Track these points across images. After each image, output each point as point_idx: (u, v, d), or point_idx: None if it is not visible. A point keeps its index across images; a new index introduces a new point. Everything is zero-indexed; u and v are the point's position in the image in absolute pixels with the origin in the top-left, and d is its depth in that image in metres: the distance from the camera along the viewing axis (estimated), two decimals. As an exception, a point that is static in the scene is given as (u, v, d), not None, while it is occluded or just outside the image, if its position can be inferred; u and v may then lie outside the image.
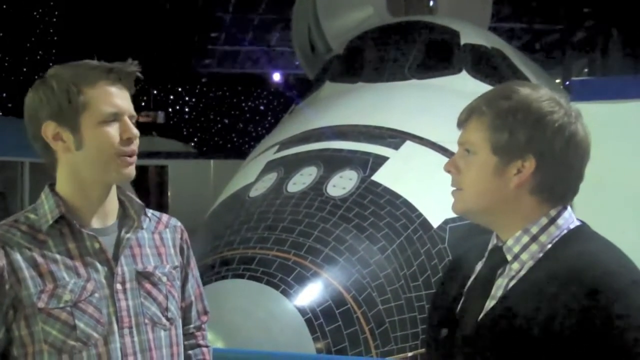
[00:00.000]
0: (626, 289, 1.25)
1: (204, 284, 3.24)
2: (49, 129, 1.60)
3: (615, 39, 12.57)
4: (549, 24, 15.00)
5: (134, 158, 1.64)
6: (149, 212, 1.77)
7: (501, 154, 1.38)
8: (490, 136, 1.39)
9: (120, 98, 1.62)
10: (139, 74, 1.65)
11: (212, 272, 3.33)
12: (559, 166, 1.38)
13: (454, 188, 1.45)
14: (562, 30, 14.76)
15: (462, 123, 1.46)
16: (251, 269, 3.27)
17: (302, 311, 3.12)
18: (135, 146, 1.63)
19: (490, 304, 1.37)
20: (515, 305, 1.31)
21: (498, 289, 1.38)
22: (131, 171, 1.64)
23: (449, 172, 1.46)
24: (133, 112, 1.65)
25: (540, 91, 1.41)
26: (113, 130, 1.60)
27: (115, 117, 1.60)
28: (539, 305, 1.27)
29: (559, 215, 1.40)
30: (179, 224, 1.85)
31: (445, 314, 1.47)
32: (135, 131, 1.63)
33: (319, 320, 3.13)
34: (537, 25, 15.11)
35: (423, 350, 3.45)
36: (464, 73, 5.74)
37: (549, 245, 1.37)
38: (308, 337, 3.08)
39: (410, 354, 3.40)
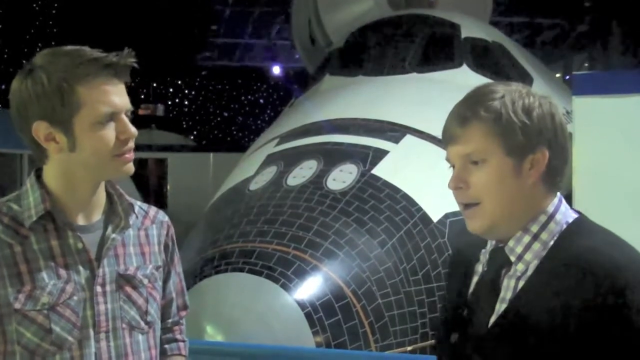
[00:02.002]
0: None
1: (204, 277, 3.25)
2: (41, 129, 1.50)
3: (616, 33, 12.54)
4: (549, 18, 14.97)
5: (132, 154, 1.56)
6: (137, 206, 1.69)
7: (515, 153, 1.35)
8: (500, 139, 1.35)
9: (116, 95, 1.51)
10: (135, 65, 1.54)
11: (211, 266, 3.32)
12: (561, 149, 1.38)
13: (469, 204, 1.39)
14: (563, 24, 14.73)
15: (456, 136, 1.39)
16: (251, 262, 3.26)
17: (301, 305, 3.12)
18: (132, 143, 1.55)
19: (500, 307, 1.36)
20: (528, 306, 1.30)
21: (507, 291, 1.36)
22: (129, 168, 1.56)
23: (457, 189, 1.39)
24: (129, 106, 1.55)
25: (513, 86, 1.40)
26: (109, 131, 1.50)
27: (112, 116, 1.50)
28: (553, 305, 1.26)
29: (556, 210, 1.38)
30: (165, 218, 1.77)
31: (453, 318, 1.45)
32: (133, 130, 1.54)
33: (318, 314, 3.13)
34: (538, 19, 15.08)
35: (422, 344, 3.46)
36: (464, 67, 5.73)
37: (552, 242, 1.35)
38: (307, 331, 3.08)
39: (409, 348, 3.40)
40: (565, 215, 1.39)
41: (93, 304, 1.53)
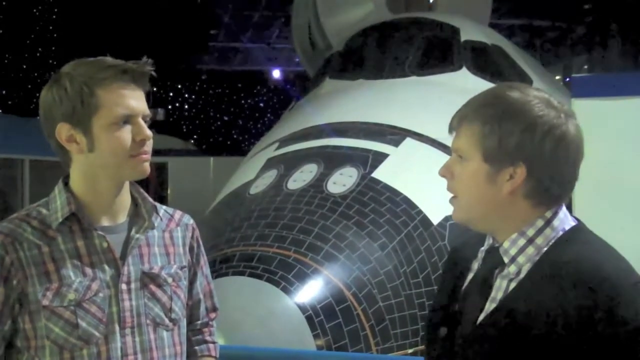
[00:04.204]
0: (627, 291, 1.26)
1: (205, 281, 3.26)
2: (63, 131, 1.60)
3: (616, 35, 12.56)
4: (549, 21, 14.99)
5: (148, 156, 1.65)
6: (162, 209, 1.78)
7: (492, 161, 1.37)
8: (480, 144, 1.38)
9: (133, 99, 1.60)
10: (153, 73, 1.64)
11: (212, 270, 3.32)
12: (550, 170, 1.36)
13: (451, 195, 1.45)
14: (562, 26, 14.75)
15: (453, 129, 1.45)
16: (251, 266, 3.27)
17: (302, 308, 3.13)
18: (148, 146, 1.63)
19: (490, 306, 1.38)
20: (515, 308, 1.32)
21: (498, 291, 1.38)
22: (145, 168, 1.64)
23: (444, 177, 1.45)
24: (147, 112, 1.64)
25: (529, 93, 1.38)
26: (125, 132, 1.59)
27: (128, 118, 1.59)
28: (540, 309, 1.28)
29: (554, 216, 1.39)
30: (191, 221, 1.85)
31: (444, 312, 1.47)
32: (148, 132, 1.62)
33: (319, 317, 3.13)
34: (537, 22, 15.10)
35: (423, 347, 3.46)
36: (464, 70, 5.74)
37: (545, 248, 1.36)
38: (308, 334, 3.09)
39: (410, 351, 3.40)
40: (563, 221, 1.40)
41: (118, 301, 1.61)
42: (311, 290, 3.21)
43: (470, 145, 1.39)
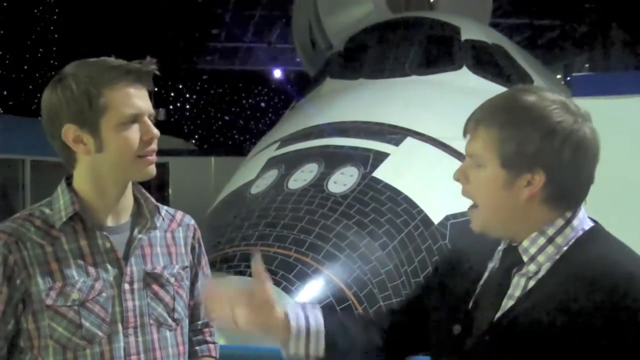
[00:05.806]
0: None
1: (205, 281, 3.26)
2: (70, 132, 1.59)
3: (616, 34, 12.55)
4: (549, 20, 14.99)
5: (154, 156, 1.64)
6: (163, 210, 1.78)
7: (510, 167, 1.35)
8: (498, 149, 1.35)
9: (139, 98, 1.60)
10: (156, 72, 1.64)
11: (213, 270, 3.32)
12: (569, 175, 1.35)
13: (472, 205, 1.42)
14: (563, 25, 14.74)
15: (468, 132, 1.42)
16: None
17: (303, 308, 3.12)
18: (155, 145, 1.63)
19: (507, 303, 1.36)
20: (535, 306, 1.30)
21: (516, 289, 1.37)
22: (152, 170, 1.64)
23: (458, 181, 1.43)
24: (152, 111, 1.64)
25: (547, 98, 1.36)
26: (133, 132, 1.59)
27: (135, 118, 1.59)
28: (560, 308, 1.27)
29: (574, 216, 1.38)
30: (192, 222, 1.85)
31: (457, 310, 1.44)
32: (156, 131, 1.62)
33: (320, 317, 3.13)
34: (538, 21, 15.10)
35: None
36: (464, 69, 5.74)
37: (565, 247, 1.35)
38: (309, 333, 3.08)
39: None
40: (582, 222, 1.39)
41: (121, 301, 1.61)
42: (312, 290, 3.22)
43: (487, 150, 1.37)
